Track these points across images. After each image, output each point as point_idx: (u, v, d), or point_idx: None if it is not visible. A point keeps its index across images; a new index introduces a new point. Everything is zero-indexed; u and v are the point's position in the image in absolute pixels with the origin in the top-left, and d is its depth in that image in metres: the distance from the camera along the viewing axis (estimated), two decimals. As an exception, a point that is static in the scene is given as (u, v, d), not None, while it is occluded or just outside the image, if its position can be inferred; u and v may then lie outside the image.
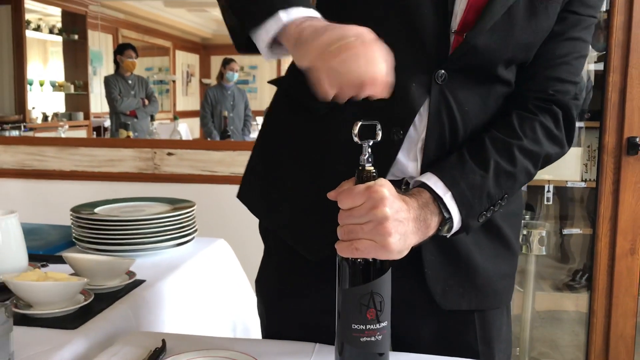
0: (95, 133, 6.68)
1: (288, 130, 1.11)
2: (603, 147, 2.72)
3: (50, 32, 6.70)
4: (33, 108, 6.29)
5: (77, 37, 6.83)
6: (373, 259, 0.84)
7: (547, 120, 1.02)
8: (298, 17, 0.86)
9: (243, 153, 2.97)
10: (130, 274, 1.39)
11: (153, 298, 1.37)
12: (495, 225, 1.07)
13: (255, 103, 7.65)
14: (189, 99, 9.14)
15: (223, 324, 1.67)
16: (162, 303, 1.39)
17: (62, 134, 5.50)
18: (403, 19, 0.97)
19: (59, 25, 6.81)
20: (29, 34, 6.22)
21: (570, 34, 1.03)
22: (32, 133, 5.64)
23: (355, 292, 0.84)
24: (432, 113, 0.98)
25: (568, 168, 2.93)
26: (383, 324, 0.85)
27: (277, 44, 0.89)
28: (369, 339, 0.84)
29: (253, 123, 6.23)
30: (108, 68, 7.06)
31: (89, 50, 6.95)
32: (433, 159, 0.99)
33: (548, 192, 3.04)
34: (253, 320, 1.79)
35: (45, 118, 6.53)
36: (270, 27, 0.86)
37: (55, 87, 6.74)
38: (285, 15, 0.86)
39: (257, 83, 9.09)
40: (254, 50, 0.92)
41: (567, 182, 2.95)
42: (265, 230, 1.19)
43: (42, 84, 6.52)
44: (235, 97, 5.89)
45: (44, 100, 6.56)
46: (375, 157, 0.85)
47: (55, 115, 6.66)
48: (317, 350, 1.04)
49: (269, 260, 1.20)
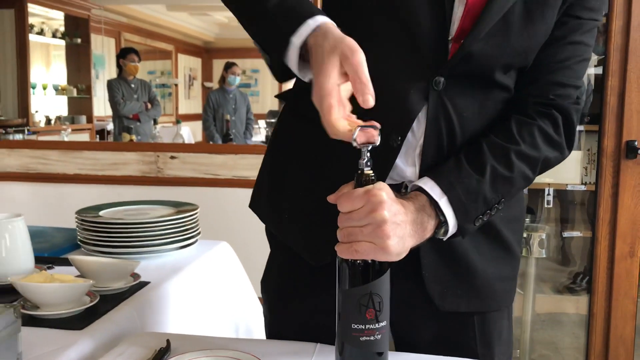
0: (98, 136, 6.68)
1: (293, 140, 1.13)
2: (602, 150, 2.72)
3: (53, 35, 6.69)
4: (36, 111, 6.28)
5: (79, 40, 6.82)
6: (372, 261, 0.85)
7: (546, 125, 1.02)
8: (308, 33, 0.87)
9: (245, 156, 3.00)
10: (135, 276, 1.40)
11: (157, 299, 1.38)
12: (495, 229, 1.08)
13: (257, 106, 7.65)
14: (191, 103, 9.13)
15: (226, 325, 1.68)
16: (166, 304, 1.40)
17: (65, 138, 5.49)
18: (402, 27, 0.98)
19: (62, 29, 6.80)
20: (32, 38, 6.22)
21: (572, 38, 1.03)
22: (35, 136, 5.63)
23: (355, 292, 0.85)
24: (430, 119, 0.99)
25: (568, 171, 2.93)
26: (382, 324, 0.86)
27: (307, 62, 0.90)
28: (369, 339, 0.86)
29: (255, 126, 6.21)
30: (111, 71, 7.06)
31: (92, 54, 6.95)
32: (431, 164, 0.99)
33: (548, 195, 3.04)
34: (255, 322, 1.80)
35: (48, 121, 6.51)
36: (292, 54, 0.88)
37: (58, 90, 6.72)
38: (297, 39, 0.87)
39: (259, 86, 9.08)
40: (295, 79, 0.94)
41: (567, 185, 2.95)
42: (271, 233, 1.20)
43: (45, 88, 6.51)
44: (237, 100, 5.87)
45: (47, 104, 6.55)
46: (374, 162, 0.85)
47: (58, 119, 6.63)
48: (318, 350, 1.05)
49: (273, 262, 1.21)
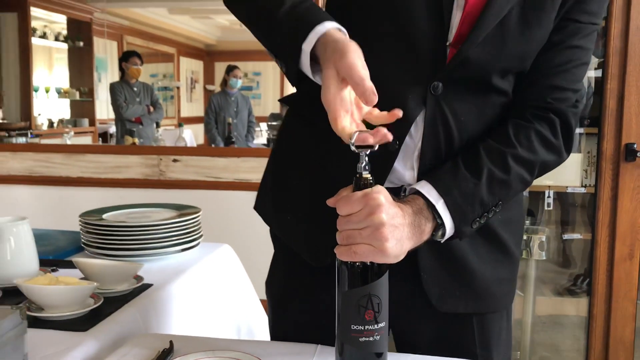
0: (101, 139, 6.70)
1: (296, 143, 1.14)
2: (601, 153, 2.73)
3: (56, 39, 6.70)
4: (39, 115, 6.30)
5: (82, 44, 6.84)
6: (371, 263, 0.86)
7: (543, 129, 1.03)
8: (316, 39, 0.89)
9: (247, 159, 3.02)
10: (138, 278, 1.42)
11: (160, 301, 1.40)
12: (493, 231, 1.09)
13: (259, 109, 7.66)
14: (193, 105, 9.14)
15: (228, 327, 1.69)
16: (169, 306, 1.42)
17: (67, 141, 5.49)
18: (401, 33, 0.99)
19: (65, 33, 6.82)
20: (35, 41, 6.24)
21: (570, 43, 1.03)
22: (38, 140, 5.64)
23: (354, 294, 0.86)
24: (428, 124, 1.00)
25: (568, 174, 2.93)
26: (381, 325, 0.87)
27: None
28: (368, 339, 0.87)
29: (256, 129, 6.22)
30: (113, 74, 7.07)
31: (94, 57, 6.97)
32: (429, 168, 1.00)
33: (548, 197, 3.04)
34: (256, 323, 1.82)
35: (51, 124, 6.53)
36: (305, 60, 0.90)
37: (61, 93, 6.74)
38: (307, 46, 0.89)
39: (260, 89, 9.10)
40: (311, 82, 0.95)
41: (567, 187, 2.95)
42: (275, 235, 1.22)
43: (47, 91, 6.52)
44: (239, 103, 5.88)
45: (50, 107, 6.56)
46: (373, 166, 0.87)
47: (61, 122, 6.64)
48: (318, 352, 1.06)
49: (277, 263, 1.23)
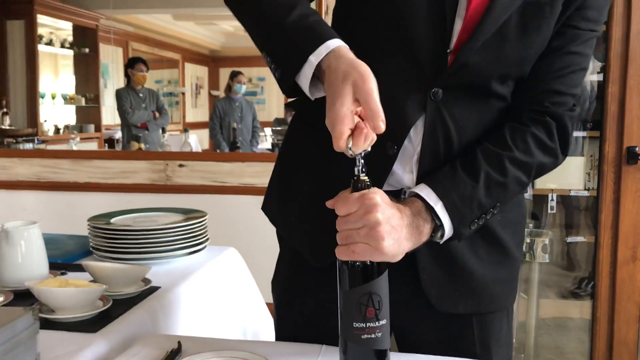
0: (107, 145, 6.72)
1: (301, 146, 1.17)
2: (603, 156, 2.75)
3: (62, 45, 6.72)
4: (45, 121, 6.31)
5: (88, 50, 6.85)
6: (370, 262, 0.89)
7: (539, 131, 1.04)
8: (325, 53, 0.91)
9: (252, 164, 3.04)
10: (146, 281, 1.44)
11: (168, 303, 1.42)
12: (492, 232, 1.10)
13: (264, 114, 7.67)
14: (198, 111, 9.15)
15: (234, 328, 1.71)
16: (176, 308, 1.44)
17: (73, 147, 5.52)
18: (403, 40, 1.01)
19: (70, 39, 6.84)
20: (41, 48, 6.26)
21: (569, 48, 1.05)
22: (44, 146, 5.68)
23: (355, 292, 0.89)
24: (427, 128, 1.02)
25: (571, 177, 2.94)
26: (382, 322, 0.90)
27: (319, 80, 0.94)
28: (370, 336, 0.89)
29: (261, 134, 6.22)
30: (119, 80, 7.11)
31: (100, 64, 7.00)
32: (428, 171, 1.02)
33: (552, 200, 3.05)
34: (262, 325, 1.84)
35: (57, 130, 6.53)
36: (307, 72, 0.92)
37: (67, 100, 6.74)
38: (315, 58, 0.91)
39: (265, 94, 9.10)
40: (302, 92, 0.97)
41: (570, 190, 2.97)
42: (280, 235, 1.25)
43: (53, 97, 6.53)
44: (244, 108, 5.89)
45: (56, 113, 6.57)
46: (372, 169, 0.89)
47: (67, 128, 6.66)
48: (323, 351, 1.08)
49: (282, 263, 1.25)
